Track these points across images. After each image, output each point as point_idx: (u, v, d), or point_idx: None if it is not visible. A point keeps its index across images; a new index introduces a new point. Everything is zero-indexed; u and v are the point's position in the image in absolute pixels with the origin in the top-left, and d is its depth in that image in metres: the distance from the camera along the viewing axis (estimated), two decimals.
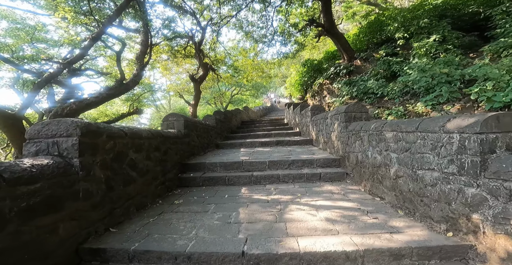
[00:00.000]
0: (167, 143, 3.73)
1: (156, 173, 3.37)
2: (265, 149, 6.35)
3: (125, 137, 2.56)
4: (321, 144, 5.79)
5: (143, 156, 2.98)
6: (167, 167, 3.79)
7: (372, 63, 9.30)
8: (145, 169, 3.06)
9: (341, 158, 4.37)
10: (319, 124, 5.95)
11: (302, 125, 8.22)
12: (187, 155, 4.73)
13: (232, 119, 10.89)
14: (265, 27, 15.92)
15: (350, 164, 4.04)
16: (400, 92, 6.26)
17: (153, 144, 3.24)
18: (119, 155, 2.50)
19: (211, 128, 6.78)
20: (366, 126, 3.36)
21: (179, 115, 4.49)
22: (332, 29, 10.80)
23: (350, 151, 3.99)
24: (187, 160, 4.68)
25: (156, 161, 3.36)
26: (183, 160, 4.54)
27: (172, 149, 3.95)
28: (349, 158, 4.06)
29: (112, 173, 2.41)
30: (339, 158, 4.39)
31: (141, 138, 2.88)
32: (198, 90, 11.42)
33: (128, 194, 2.71)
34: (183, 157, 4.56)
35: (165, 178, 3.70)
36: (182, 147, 4.47)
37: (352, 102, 6.72)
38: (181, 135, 4.39)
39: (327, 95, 11.02)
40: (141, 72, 8.31)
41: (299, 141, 6.83)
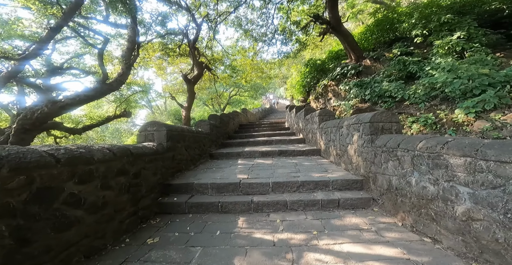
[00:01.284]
0: (139, 162, 2.82)
1: (121, 204, 2.47)
2: (266, 161, 5.46)
3: (56, 165, 1.66)
4: (333, 156, 4.91)
5: (95, 185, 2.08)
6: (141, 192, 2.89)
7: (384, 63, 8.46)
8: (101, 202, 2.17)
9: (364, 178, 3.48)
10: (329, 133, 5.07)
11: (307, 132, 7.35)
12: (171, 172, 3.83)
13: (229, 123, 9.99)
14: (265, 25, 15.09)
15: (377, 188, 3.16)
16: (426, 96, 5.40)
17: (115, 167, 2.34)
18: (43, 193, 1.61)
19: (204, 136, 5.87)
20: (407, 143, 2.47)
21: (160, 124, 3.57)
22: (339, 27, 9.95)
23: (377, 171, 3.11)
24: (171, 179, 3.77)
25: (120, 189, 2.46)
26: (166, 179, 3.64)
27: (148, 168, 3.04)
28: (376, 180, 3.18)
29: (27, 220, 1.52)
30: (361, 179, 3.51)
31: (89, 162, 1.98)
32: (192, 91, 10.50)
33: (68, 240, 1.82)
34: (166, 175, 3.66)
35: (137, 207, 2.80)
36: (165, 164, 3.57)
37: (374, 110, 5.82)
38: (163, 149, 3.48)
39: (333, 98, 10.16)
40: (127, 71, 7.41)
41: (305, 151, 5.94)
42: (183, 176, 4.09)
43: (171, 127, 3.74)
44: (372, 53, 9.24)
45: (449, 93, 4.65)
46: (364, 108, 6.58)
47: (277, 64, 15.59)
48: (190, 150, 4.69)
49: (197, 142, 5.15)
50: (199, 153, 5.30)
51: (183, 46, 12.14)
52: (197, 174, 4.31)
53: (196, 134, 5.13)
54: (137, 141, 3.54)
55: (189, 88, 10.33)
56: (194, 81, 10.44)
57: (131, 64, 7.55)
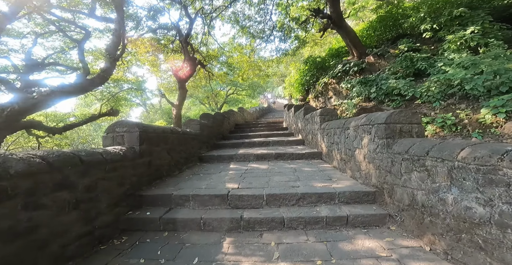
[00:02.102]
0: (95, 171, 2.23)
1: (63, 225, 1.88)
2: (261, 165, 4.87)
3: None
4: (336, 161, 4.34)
5: (13, 206, 1.49)
6: (98, 207, 2.29)
7: (389, 60, 7.92)
8: (24, 227, 1.58)
9: (377, 190, 2.91)
10: (332, 135, 4.50)
11: (306, 133, 6.78)
12: (146, 180, 3.23)
13: (223, 122, 9.39)
14: (263, 22, 14.52)
15: (394, 202, 2.60)
16: (441, 94, 4.85)
17: (51, 181, 1.75)
18: None
19: (193, 137, 5.28)
20: (441, 151, 1.90)
21: (131, 124, 2.95)
22: (340, 22, 9.41)
23: (396, 183, 2.54)
24: (145, 189, 3.17)
25: (63, 207, 1.87)
26: (139, 189, 3.05)
27: (110, 178, 2.45)
28: (393, 193, 2.61)
29: None
30: (373, 191, 2.93)
31: (1, 177, 1.39)
32: (184, 88, 9.85)
33: None
34: (139, 184, 3.06)
35: (91, 226, 2.20)
36: (137, 171, 2.97)
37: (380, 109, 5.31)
38: (134, 154, 2.88)
39: (333, 97, 9.61)
40: (112, 66, 6.79)
41: (305, 154, 5.37)
42: (163, 185, 3.49)
43: (146, 128, 3.13)
44: (375, 49, 8.69)
45: (470, 91, 4.10)
46: (369, 108, 6.03)
47: (275, 62, 15.00)
48: (174, 153, 4.09)
49: (183, 144, 4.55)
50: (186, 156, 4.70)
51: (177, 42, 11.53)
52: (180, 181, 3.71)
53: (183, 135, 4.53)
54: (103, 144, 2.94)
55: (181, 85, 9.70)
56: (185, 77, 9.81)
57: (117, 58, 6.94)
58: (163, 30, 11.77)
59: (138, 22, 9.41)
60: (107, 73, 6.65)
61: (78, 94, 6.67)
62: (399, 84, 5.59)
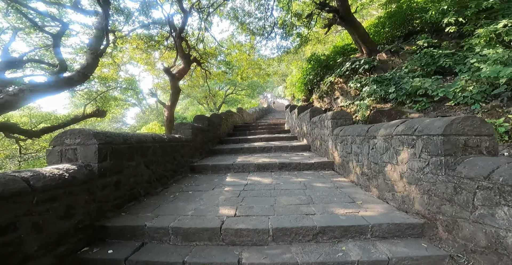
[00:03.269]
0: (11, 207, 1.46)
1: None
2: (263, 178, 4.10)
3: None
4: (355, 175, 3.58)
5: None
6: (25, 252, 1.54)
7: (403, 57, 7.18)
8: None
9: (427, 221, 2.15)
10: (349, 143, 3.74)
11: (313, 138, 6.02)
12: (112, 206, 2.46)
13: (221, 124, 8.63)
14: (263, 18, 13.76)
15: (458, 240, 1.85)
16: (482, 95, 4.11)
17: None
18: None
19: (184, 143, 4.50)
20: None
21: (87, 133, 2.14)
22: (348, 16, 8.66)
23: (461, 216, 1.78)
24: (111, 217, 2.39)
25: None
26: (102, 217, 2.28)
27: (43, 211, 1.68)
28: (455, 228, 1.86)
29: None
30: (422, 222, 2.17)
31: None
32: (176, 87, 9.03)
33: None
34: (101, 212, 2.29)
35: None
36: (96, 196, 2.20)
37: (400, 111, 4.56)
38: (90, 174, 2.10)
39: (340, 97, 8.85)
40: (93, 62, 6.02)
41: (314, 164, 4.60)
42: (137, 209, 2.71)
43: (112, 138, 2.34)
44: (388, 46, 7.95)
45: None
46: (386, 110, 5.28)
47: (276, 61, 14.23)
48: (156, 166, 3.32)
49: (170, 153, 3.78)
50: (174, 168, 3.93)
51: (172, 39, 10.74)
52: (162, 203, 2.93)
53: (169, 143, 3.75)
54: (47, 160, 2.16)
55: (173, 84, 8.88)
56: (178, 76, 9.00)
57: (99, 55, 6.17)
58: (156, 26, 10.97)
59: (127, 16, 8.61)
60: (88, 70, 5.88)
61: (54, 93, 5.89)
62: (425, 83, 4.83)
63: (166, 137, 3.71)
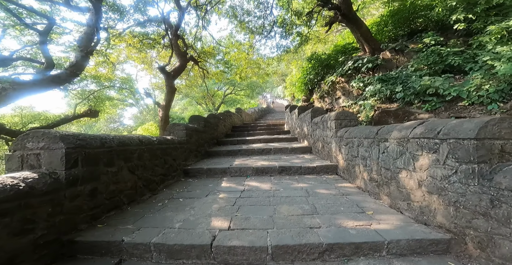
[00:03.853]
0: None
1: None
2: (262, 183, 3.79)
3: None
4: (361, 180, 3.28)
5: None
6: None
7: (408, 55, 6.89)
8: None
9: (454, 236, 1.84)
10: (355, 146, 3.44)
11: (314, 139, 5.72)
12: (86, 217, 2.14)
13: (218, 125, 8.32)
14: (263, 17, 13.48)
15: (494, 258, 1.54)
16: (500, 94, 3.82)
17: None
18: None
19: (176, 146, 4.19)
20: None
21: (53, 136, 1.77)
22: (350, 13, 8.39)
23: (500, 232, 1.49)
24: (85, 229, 2.07)
25: None
26: (73, 230, 1.97)
27: None
28: (490, 245, 1.56)
29: None
30: (448, 238, 1.86)
31: None
32: (172, 86, 8.69)
33: None
34: (70, 224, 1.97)
35: None
36: (65, 208, 1.88)
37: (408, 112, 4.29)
38: (54, 183, 1.77)
39: (342, 97, 8.56)
40: (83, 60, 5.70)
41: (316, 168, 4.30)
42: (117, 219, 2.39)
43: (84, 141, 2.00)
44: (392, 44, 7.67)
45: None
46: (393, 110, 4.98)
47: (275, 60, 13.93)
48: (142, 171, 3.00)
49: (160, 157, 3.46)
50: (164, 172, 3.61)
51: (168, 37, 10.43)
52: (147, 212, 2.61)
53: (158, 145, 3.43)
54: (6, 167, 1.85)
55: (168, 82, 8.55)
56: (174, 74, 8.67)
57: (89, 52, 5.85)
58: (152, 24, 10.66)
59: (121, 14, 8.30)
60: (77, 68, 5.56)
61: (40, 92, 5.55)
62: (436, 82, 4.54)
63: (155, 139, 3.39)
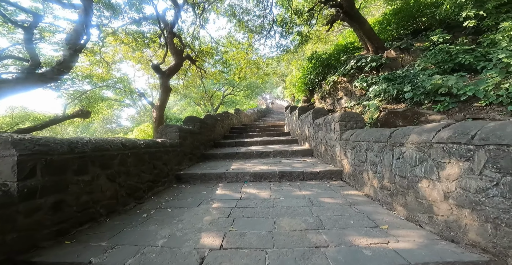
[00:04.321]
0: None
1: None
2: (260, 191, 3.46)
3: None
4: (370, 187, 2.96)
5: None
6: None
7: (414, 54, 6.60)
8: None
9: (494, 258, 1.53)
10: (364, 151, 3.12)
11: (316, 142, 5.41)
12: (49, 234, 1.80)
13: (216, 126, 8.00)
14: (262, 16, 13.20)
15: None
16: None
17: None
18: None
19: (167, 149, 3.86)
20: None
21: (4, 140, 1.41)
22: (352, 11, 8.11)
23: None
24: (46, 249, 1.73)
25: None
26: (27, 250, 1.64)
27: None
28: None
29: None
30: (486, 260, 1.55)
31: None
32: (166, 86, 8.31)
33: None
34: (26, 242, 1.66)
35: None
36: (14, 225, 1.56)
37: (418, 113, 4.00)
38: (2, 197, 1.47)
39: (344, 97, 8.26)
40: (71, 58, 5.39)
41: (320, 173, 3.98)
42: (89, 235, 2.04)
43: (46, 146, 1.65)
44: (396, 43, 7.38)
45: None
46: (401, 111, 4.67)
47: (275, 60, 13.63)
48: (126, 178, 2.67)
49: (146, 162, 3.13)
50: (153, 179, 3.29)
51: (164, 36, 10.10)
52: (127, 226, 2.28)
53: (146, 149, 3.11)
54: None
55: (163, 82, 8.20)
56: (169, 73, 8.32)
57: (78, 50, 5.54)
58: (148, 22, 10.35)
59: (114, 11, 7.98)
60: (65, 66, 5.25)
61: (24, 90, 5.22)
62: (449, 80, 4.23)
63: (142, 142, 3.06)
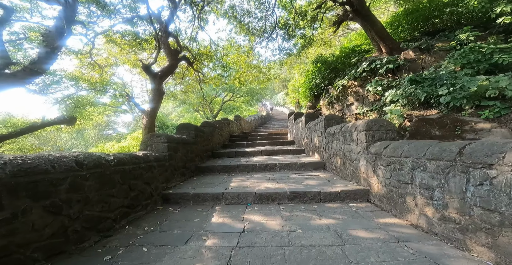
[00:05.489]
0: None
1: None
2: (269, 218, 2.67)
3: None
4: (420, 216, 2.20)
5: None
6: None
7: (437, 54, 5.93)
8: None
9: None
10: (409, 170, 2.37)
11: (330, 154, 4.65)
12: None
13: (214, 134, 7.25)
14: (264, 18, 12.66)
15: None
16: None
17: None
18: None
19: (151, 165, 3.10)
20: None
21: None
22: (363, 10, 7.49)
23: None
24: None
25: None
26: None
27: None
28: None
29: None
30: None
31: None
32: (159, 90, 7.48)
33: None
34: None
35: None
36: None
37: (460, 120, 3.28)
38: None
39: (355, 103, 7.55)
40: (48, 57, 4.70)
41: (341, 194, 3.21)
42: None
43: None
44: (414, 43, 6.75)
45: None
46: (435, 118, 3.92)
47: (277, 63, 12.99)
48: (83, 208, 1.91)
49: (117, 183, 2.36)
50: (129, 204, 2.52)
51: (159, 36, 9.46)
52: None
53: (117, 167, 2.34)
54: None
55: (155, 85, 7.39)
56: (162, 75, 7.56)
57: (56, 48, 4.85)
58: (144, 22, 9.73)
59: (104, 8, 7.35)
60: (40, 66, 4.55)
61: None
62: (500, 82, 3.51)
63: (112, 158, 2.30)
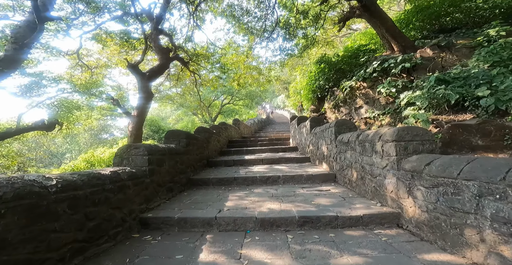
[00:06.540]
0: None
1: None
2: (274, 256, 1.98)
3: None
4: (487, 253, 1.54)
5: None
6: None
7: (458, 52, 5.33)
8: None
9: None
10: (474, 198, 1.73)
11: (342, 165, 4.00)
12: None
13: (210, 141, 6.60)
14: (264, 17, 12.11)
15: None
16: None
17: None
18: None
19: (123, 184, 2.45)
20: None
21: None
22: (373, 5, 6.92)
23: None
24: None
25: None
26: None
27: None
28: None
29: None
30: None
31: None
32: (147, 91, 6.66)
33: None
34: None
35: None
36: None
37: None
38: None
39: (364, 106, 6.93)
40: (15, 54, 4.09)
41: (364, 218, 2.56)
42: None
43: None
44: (431, 40, 6.17)
45: None
46: (475, 124, 3.27)
47: (277, 64, 12.39)
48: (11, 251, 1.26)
49: (61, 216, 1.70)
50: (85, 237, 1.86)
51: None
52: None
53: (62, 193, 1.69)
54: None
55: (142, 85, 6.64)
56: (150, 75, 6.83)
57: (25, 45, 4.24)
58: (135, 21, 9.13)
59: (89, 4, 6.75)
60: (7, 65, 3.93)
61: None
62: None
63: (55, 182, 1.64)
